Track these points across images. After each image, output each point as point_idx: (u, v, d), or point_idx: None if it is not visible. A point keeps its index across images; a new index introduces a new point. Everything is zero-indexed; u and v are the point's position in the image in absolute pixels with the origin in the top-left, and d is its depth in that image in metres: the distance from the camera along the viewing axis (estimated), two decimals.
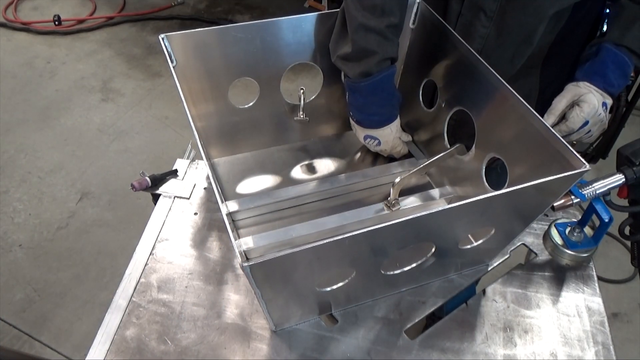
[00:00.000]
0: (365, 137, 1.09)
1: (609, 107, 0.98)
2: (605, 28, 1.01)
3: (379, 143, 1.09)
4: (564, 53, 1.04)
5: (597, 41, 0.98)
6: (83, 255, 2.18)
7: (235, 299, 0.92)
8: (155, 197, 1.09)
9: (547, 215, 1.07)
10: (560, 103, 0.96)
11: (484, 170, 0.95)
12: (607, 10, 1.01)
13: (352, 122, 1.10)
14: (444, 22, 0.98)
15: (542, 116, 0.97)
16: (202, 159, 1.12)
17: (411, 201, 1.03)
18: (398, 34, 0.99)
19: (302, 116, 1.14)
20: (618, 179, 0.88)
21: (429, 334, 0.89)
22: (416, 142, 1.17)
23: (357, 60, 0.97)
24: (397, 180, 0.99)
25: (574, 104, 0.96)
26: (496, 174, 0.99)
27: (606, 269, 2.12)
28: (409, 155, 1.15)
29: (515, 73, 1.01)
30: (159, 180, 1.10)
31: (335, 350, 0.87)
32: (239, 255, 0.64)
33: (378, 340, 0.88)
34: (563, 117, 0.97)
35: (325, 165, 1.16)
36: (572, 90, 0.96)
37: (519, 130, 0.85)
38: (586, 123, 0.95)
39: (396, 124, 1.08)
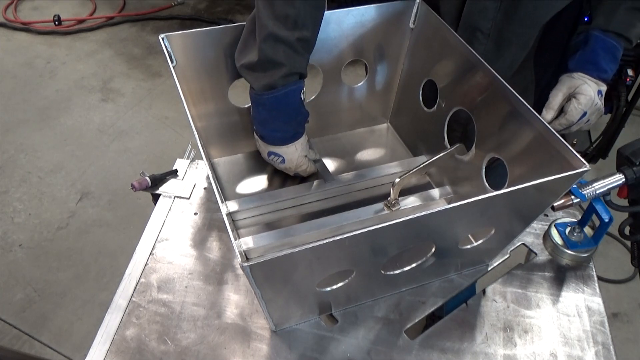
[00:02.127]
0: (269, 154, 1.03)
1: (604, 93, 0.99)
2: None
3: (283, 161, 1.03)
4: (553, 41, 1.05)
5: (584, 28, 0.99)
6: (83, 255, 2.18)
7: (235, 299, 0.92)
8: (155, 197, 1.09)
9: (547, 215, 1.07)
10: (557, 97, 0.96)
11: (484, 170, 0.95)
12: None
13: (255, 136, 1.04)
14: (443, 22, 0.98)
15: (542, 107, 0.98)
16: (202, 159, 1.12)
17: (411, 201, 1.03)
18: (309, 49, 0.93)
19: None
20: (618, 179, 0.88)
21: (429, 334, 0.89)
22: (416, 141, 1.17)
23: (262, 71, 0.91)
24: (397, 180, 0.99)
25: (570, 97, 0.96)
26: (496, 174, 0.99)
27: (606, 269, 2.12)
28: (318, 174, 1.10)
29: None
30: (159, 180, 1.10)
31: (335, 350, 0.87)
32: (239, 255, 0.64)
33: (378, 340, 0.88)
34: (561, 111, 0.98)
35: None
36: (566, 82, 0.97)
37: (519, 130, 0.85)
38: (585, 114, 0.96)
39: (302, 142, 1.02)
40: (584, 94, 0.94)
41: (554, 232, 1.00)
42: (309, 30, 0.90)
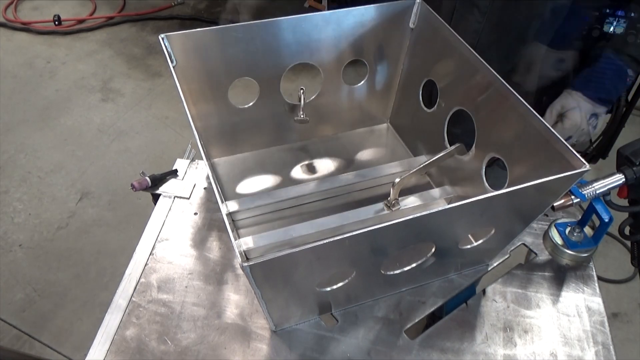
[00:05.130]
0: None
1: (600, 115, 1.00)
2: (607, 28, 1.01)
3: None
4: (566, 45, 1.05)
5: (601, 45, 0.99)
6: (83, 255, 2.18)
7: (235, 299, 0.92)
8: (155, 197, 1.09)
9: (547, 215, 1.07)
10: (551, 113, 1.00)
11: (484, 170, 0.95)
12: (607, 10, 1.01)
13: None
14: (444, 22, 0.98)
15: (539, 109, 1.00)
16: (202, 159, 1.12)
17: (411, 201, 1.03)
18: None
19: (302, 116, 1.13)
20: (618, 179, 0.88)
21: (429, 334, 0.89)
22: (416, 141, 1.17)
23: None
24: (397, 180, 0.99)
25: (561, 116, 0.98)
26: (496, 174, 0.99)
27: (606, 269, 2.12)
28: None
29: (547, 86, 1.03)
30: (159, 180, 1.10)
31: (335, 350, 0.87)
32: (239, 255, 0.64)
33: (378, 340, 0.88)
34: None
35: (325, 165, 1.16)
36: (562, 100, 1.00)
37: (519, 130, 0.85)
38: (569, 137, 1.00)
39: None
40: (571, 119, 0.97)
41: (554, 232, 1.00)
42: None
